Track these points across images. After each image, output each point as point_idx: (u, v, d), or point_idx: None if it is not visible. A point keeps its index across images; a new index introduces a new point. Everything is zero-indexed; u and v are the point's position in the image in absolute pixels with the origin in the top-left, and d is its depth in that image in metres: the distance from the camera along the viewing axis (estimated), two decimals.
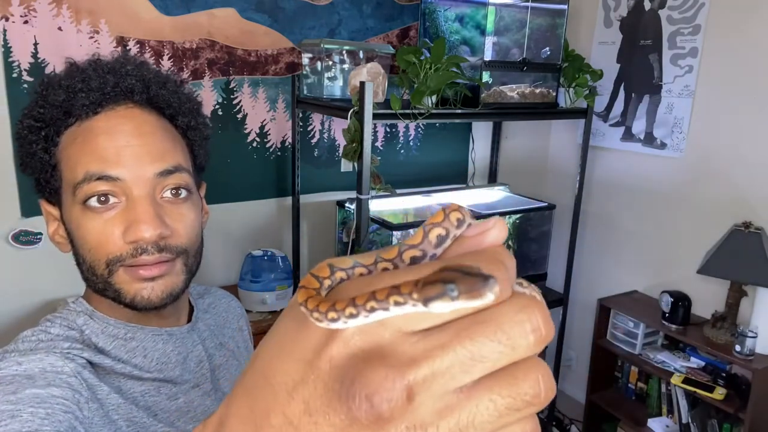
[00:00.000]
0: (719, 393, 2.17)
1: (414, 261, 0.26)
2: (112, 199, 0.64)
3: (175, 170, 0.67)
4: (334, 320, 0.24)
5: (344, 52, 2.16)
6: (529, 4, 2.18)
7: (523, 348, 0.23)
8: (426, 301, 0.23)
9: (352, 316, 0.24)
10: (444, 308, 0.23)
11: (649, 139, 2.64)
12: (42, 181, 0.70)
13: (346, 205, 2.31)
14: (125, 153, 0.64)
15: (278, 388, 0.25)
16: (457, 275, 0.23)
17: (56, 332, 0.67)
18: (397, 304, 0.24)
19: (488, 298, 0.22)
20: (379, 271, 0.27)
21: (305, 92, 2.24)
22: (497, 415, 0.23)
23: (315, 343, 0.25)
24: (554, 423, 2.85)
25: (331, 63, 2.15)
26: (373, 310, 0.24)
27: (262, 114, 2.30)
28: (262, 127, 2.31)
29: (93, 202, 0.64)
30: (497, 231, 0.27)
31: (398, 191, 2.29)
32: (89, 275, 0.68)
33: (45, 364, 0.60)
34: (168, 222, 0.66)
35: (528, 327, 0.23)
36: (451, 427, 0.23)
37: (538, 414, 0.25)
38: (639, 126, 2.67)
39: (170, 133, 0.70)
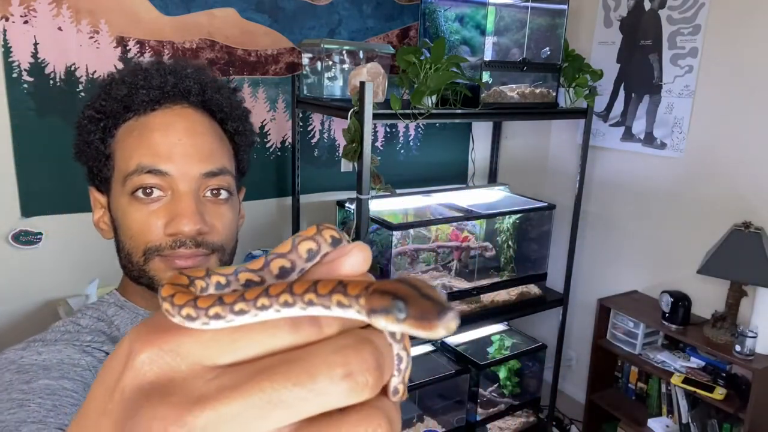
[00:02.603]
0: (719, 393, 2.17)
1: (283, 272, 0.24)
2: (157, 192, 0.68)
3: (219, 172, 0.71)
4: (190, 318, 0.21)
5: (344, 52, 2.16)
6: (529, 4, 2.18)
7: (335, 396, 0.20)
8: (370, 313, 0.20)
9: (217, 316, 0.21)
10: (384, 326, 0.20)
11: (649, 139, 2.64)
12: (95, 169, 0.74)
13: (346, 205, 2.31)
14: (176, 150, 0.68)
15: (89, 416, 0.22)
16: (411, 293, 0.20)
17: (85, 323, 0.70)
18: (287, 305, 0.21)
19: (438, 333, 0.19)
20: (241, 282, 0.24)
21: (305, 92, 2.24)
22: None
23: (117, 370, 0.22)
24: (554, 423, 2.85)
25: (331, 63, 2.15)
26: (242, 312, 0.21)
27: (262, 114, 2.30)
28: (262, 127, 2.31)
29: (140, 193, 0.68)
30: (358, 257, 0.24)
31: (398, 191, 2.29)
32: (126, 262, 0.71)
33: (63, 356, 0.63)
34: (207, 219, 0.69)
35: (339, 372, 0.20)
36: None
37: (538, 413, 0.23)
38: (639, 126, 2.67)
39: (219, 136, 0.74)
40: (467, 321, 2.30)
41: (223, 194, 0.72)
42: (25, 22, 1.81)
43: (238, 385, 0.20)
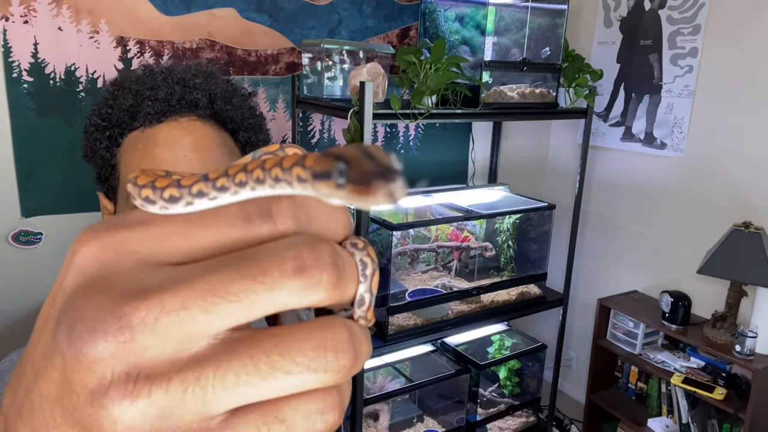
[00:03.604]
0: (719, 393, 2.17)
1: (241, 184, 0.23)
2: None
3: None
4: (149, 201, 0.20)
5: (344, 52, 2.16)
6: (529, 4, 2.18)
7: (287, 293, 0.19)
8: (314, 179, 0.18)
9: (172, 199, 0.20)
10: (326, 195, 0.18)
11: (649, 139, 2.64)
12: (102, 176, 0.72)
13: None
14: (181, 166, 0.65)
15: (35, 333, 0.21)
16: (356, 155, 0.18)
17: None
18: (240, 184, 0.19)
19: (377, 200, 0.17)
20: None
21: (305, 92, 2.24)
22: (260, 378, 0.18)
23: (61, 274, 0.20)
24: (554, 423, 2.85)
25: (331, 63, 2.15)
26: (201, 194, 0.19)
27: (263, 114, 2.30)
28: None
29: None
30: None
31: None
32: None
33: None
34: None
35: (291, 266, 0.19)
36: (190, 384, 0.18)
37: (538, 413, 0.22)
38: (639, 126, 2.67)
39: (229, 148, 0.71)
40: (467, 321, 2.30)
41: None
42: (25, 22, 1.81)
43: (184, 279, 0.18)
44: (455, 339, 2.48)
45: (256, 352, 0.18)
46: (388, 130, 2.63)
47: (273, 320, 0.23)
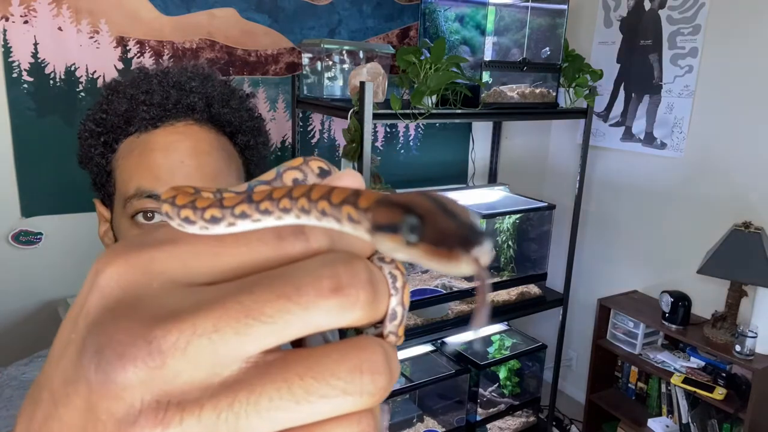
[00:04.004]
0: (719, 393, 2.17)
1: None
2: (158, 217, 0.64)
3: None
4: (189, 221, 0.19)
5: (344, 52, 2.16)
6: (529, 4, 2.18)
7: (323, 313, 0.18)
8: (374, 229, 0.16)
9: (214, 219, 0.19)
10: (389, 249, 0.16)
11: (649, 139, 2.64)
12: (98, 183, 0.71)
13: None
14: (178, 173, 0.64)
15: (53, 355, 0.19)
16: (429, 208, 0.16)
17: None
18: (284, 210, 0.18)
19: (461, 268, 0.15)
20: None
21: (305, 92, 2.24)
22: (294, 403, 0.17)
23: (83, 295, 0.19)
24: (554, 423, 2.85)
25: (331, 63, 2.15)
26: (244, 215, 0.18)
27: (262, 114, 2.29)
28: None
29: (140, 217, 0.64)
30: (349, 182, 0.22)
31: (398, 191, 2.28)
32: None
33: None
34: None
35: (327, 284, 0.18)
36: (223, 410, 0.17)
37: (538, 413, 0.21)
38: (639, 126, 2.67)
39: (227, 153, 0.70)
40: (467, 321, 2.29)
41: None
42: (25, 22, 1.81)
43: (215, 300, 0.17)
44: (455, 339, 2.48)
45: (291, 376, 0.17)
46: (388, 130, 2.63)
47: (298, 341, 0.23)
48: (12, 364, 0.64)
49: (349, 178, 0.22)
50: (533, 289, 2.55)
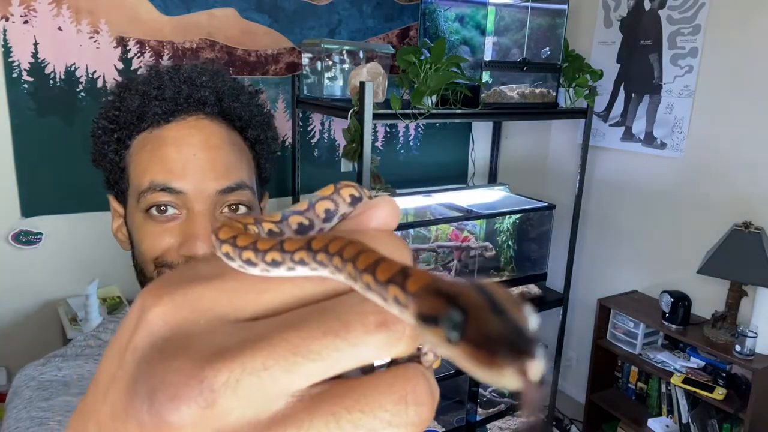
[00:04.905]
0: (719, 393, 2.17)
1: (301, 228, 0.22)
2: (171, 210, 0.65)
3: (237, 187, 0.68)
4: (251, 263, 0.19)
5: (344, 52, 2.16)
6: (529, 4, 2.18)
7: (369, 347, 0.18)
8: (417, 317, 0.16)
9: (275, 263, 0.19)
10: (430, 341, 0.15)
11: (649, 139, 2.64)
12: (111, 180, 0.72)
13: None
14: (191, 166, 0.65)
15: (98, 387, 0.20)
16: (476, 302, 0.14)
17: (106, 338, 0.68)
18: (337, 268, 0.18)
19: (503, 379, 0.13)
20: (293, 227, 0.22)
21: (305, 92, 2.24)
22: None
23: (128, 330, 0.20)
24: (554, 423, 2.85)
25: (331, 63, 2.15)
26: (302, 262, 0.19)
27: None
28: None
29: (154, 211, 0.65)
30: (386, 211, 0.22)
31: (398, 191, 2.29)
32: (141, 277, 0.69)
33: (83, 371, 0.62)
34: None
35: (373, 320, 0.18)
36: None
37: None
38: (639, 126, 2.67)
39: (237, 146, 0.71)
40: None
41: (242, 209, 0.69)
42: (25, 22, 1.81)
43: (263, 337, 0.18)
44: None
45: (338, 410, 0.18)
46: (388, 130, 2.63)
47: None
48: (29, 365, 0.64)
49: (383, 209, 0.22)
50: (533, 289, 2.55)
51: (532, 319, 0.14)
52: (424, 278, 0.16)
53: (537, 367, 0.13)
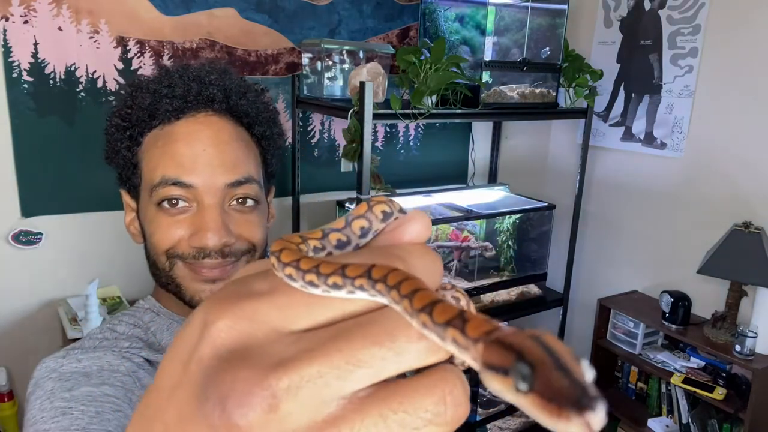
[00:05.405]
0: (719, 393, 2.17)
1: (340, 244, 0.24)
2: (182, 204, 0.68)
3: (245, 181, 0.71)
4: (291, 278, 0.21)
5: (344, 52, 2.16)
6: (529, 4, 2.18)
7: (413, 355, 0.20)
8: (484, 366, 0.17)
9: (312, 284, 0.21)
10: (496, 389, 0.17)
11: (649, 139, 2.64)
12: (124, 176, 0.75)
13: (346, 205, 2.31)
14: (200, 160, 0.68)
15: (161, 393, 0.22)
16: (542, 358, 0.16)
17: (121, 330, 0.71)
18: (380, 293, 0.20)
19: (569, 428, 0.15)
20: (333, 244, 0.24)
21: (305, 92, 2.24)
22: None
23: (191, 341, 0.22)
24: None
25: (331, 63, 2.15)
26: (336, 286, 0.21)
27: None
28: None
29: (166, 204, 0.68)
30: (418, 225, 0.24)
31: (398, 191, 2.29)
32: (154, 269, 0.72)
33: (103, 363, 0.64)
34: (233, 229, 0.70)
35: (416, 331, 0.20)
36: None
37: None
38: (639, 126, 2.67)
39: (245, 142, 0.74)
40: None
41: (250, 203, 0.72)
42: (25, 22, 1.81)
43: (317, 348, 0.20)
44: None
45: (385, 411, 0.19)
46: (388, 130, 2.63)
47: None
48: (48, 357, 0.66)
49: (416, 224, 0.24)
50: (533, 289, 2.55)
51: (589, 374, 0.16)
52: (484, 325, 0.18)
53: (599, 419, 0.15)
